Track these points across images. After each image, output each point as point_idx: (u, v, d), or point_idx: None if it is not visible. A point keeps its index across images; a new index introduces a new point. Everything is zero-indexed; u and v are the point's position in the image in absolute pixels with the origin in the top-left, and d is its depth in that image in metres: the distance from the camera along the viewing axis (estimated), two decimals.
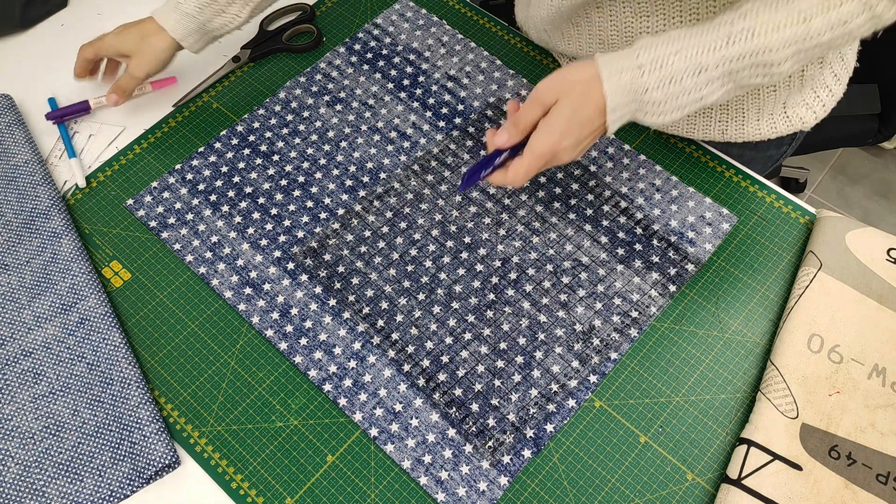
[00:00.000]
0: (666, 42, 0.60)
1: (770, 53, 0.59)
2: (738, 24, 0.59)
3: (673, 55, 0.60)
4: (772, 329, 0.72)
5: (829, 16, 0.58)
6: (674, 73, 0.60)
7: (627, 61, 0.61)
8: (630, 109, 0.62)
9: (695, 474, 0.65)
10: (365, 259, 0.76)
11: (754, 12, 0.59)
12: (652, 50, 0.60)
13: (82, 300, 0.72)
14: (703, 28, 0.60)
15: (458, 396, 0.68)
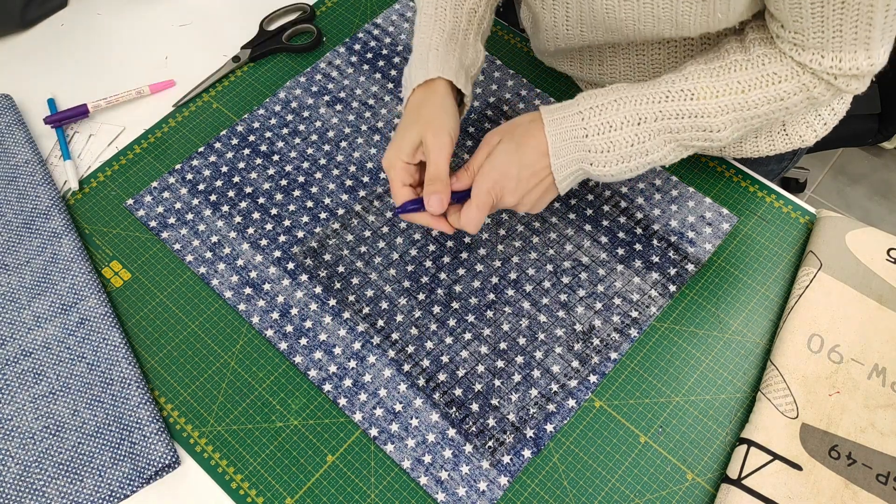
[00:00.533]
0: (607, 92, 0.63)
1: (708, 118, 0.61)
2: (678, 83, 0.61)
3: (612, 103, 0.62)
4: (772, 329, 0.72)
5: (767, 90, 0.60)
6: (612, 120, 0.61)
7: (569, 109, 0.63)
8: (574, 158, 0.62)
9: (695, 474, 0.65)
10: (365, 259, 0.76)
11: (695, 76, 0.61)
12: (592, 99, 0.62)
13: (82, 300, 0.72)
14: (646, 84, 0.63)
15: (458, 396, 0.68)
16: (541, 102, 0.85)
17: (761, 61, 0.61)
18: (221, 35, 0.93)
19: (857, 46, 0.56)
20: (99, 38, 0.94)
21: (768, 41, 0.61)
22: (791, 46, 0.59)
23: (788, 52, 0.59)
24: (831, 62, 0.57)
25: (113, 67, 0.91)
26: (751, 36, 0.62)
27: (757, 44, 0.61)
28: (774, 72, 0.60)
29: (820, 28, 0.56)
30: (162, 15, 0.95)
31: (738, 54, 0.62)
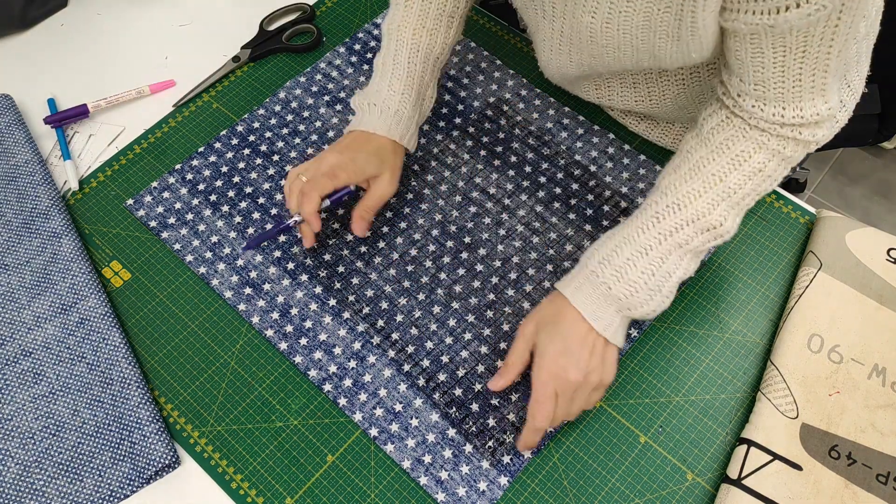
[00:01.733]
0: (605, 242, 0.65)
1: (705, 218, 0.62)
2: (661, 202, 0.64)
3: (615, 249, 0.63)
4: (772, 329, 0.72)
5: (741, 169, 0.62)
6: (622, 263, 0.63)
7: (581, 273, 0.64)
8: (612, 311, 0.63)
9: (695, 474, 0.65)
10: (365, 259, 0.76)
11: (673, 188, 0.63)
12: (596, 254, 0.64)
13: (82, 300, 0.72)
14: (633, 217, 0.65)
15: (458, 396, 0.68)
16: (540, 102, 0.85)
17: (726, 146, 0.63)
18: (221, 35, 0.93)
19: (814, 94, 0.58)
20: (99, 38, 0.94)
21: (724, 124, 0.63)
22: (753, 102, 0.61)
23: (751, 108, 0.61)
24: (793, 112, 0.59)
25: (113, 67, 0.91)
26: (707, 127, 0.64)
27: (715, 132, 0.63)
28: (742, 150, 0.62)
29: (781, 79, 0.57)
30: (162, 15, 0.95)
31: (701, 150, 0.64)
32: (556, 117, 0.84)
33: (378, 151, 0.73)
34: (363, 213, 0.73)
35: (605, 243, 0.64)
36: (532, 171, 0.81)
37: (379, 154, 0.73)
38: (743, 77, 0.60)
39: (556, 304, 0.64)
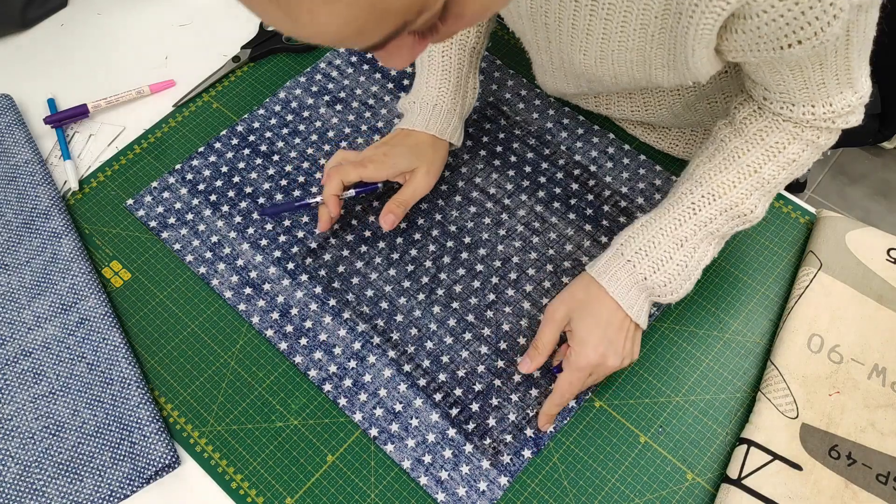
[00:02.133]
0: (642, 231, 0.65)
1: (738, 207, 0.63)
2: (696, 191, 0.64)
3: (652, 240, 0.64)
4: (772, 329, 0.72)
5: (776, 160, 0.63)
6: (660, 255, 0.63)
7: (616, 262, 0.64)
8: (644, 297, 0.64)
9: (695, 474, 0.65)
10: (365, 259, 0.76)
11: (708, 177, 0.63)
12: (633, 243, 0.64)
13: (82, 300, 0.72)
14: (668, 206, 0.65)
15: (459, 396, 0.68)
16: (540, 102, 0.85)
17: (760, 137, 0.63)
18: (221, 35, 0.93)
19: (841, 88, 0.58)
20: (99, 38, 0.94)
21: (757, 114, 0.63)
22: (781, 105, 0.61)
23: (780, 110, 0.61)
24: (823, 108, 0.59)
25: (113, 67, 0.91)
26: (739, 116, 0.64)
27: (748, 122, 0.63)
28: (776, 141, 0.62)
29: (804, 86, 0.57)
30: (162, 15, 0.95)
31: (735, 140, 0.64)
32: (556, 117, 0.84)
33: (416, 147, 0.73)
34: (394, 206, 0.73)
35: (642, 232, 0.64)
36: (532, 171, 0.81)
37: (416, 150, 0.73)
38: (766, 87, 0.60)
39: (591, 292, 0.64)
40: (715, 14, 0.48)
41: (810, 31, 0.48)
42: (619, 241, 0.65)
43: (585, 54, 0.62)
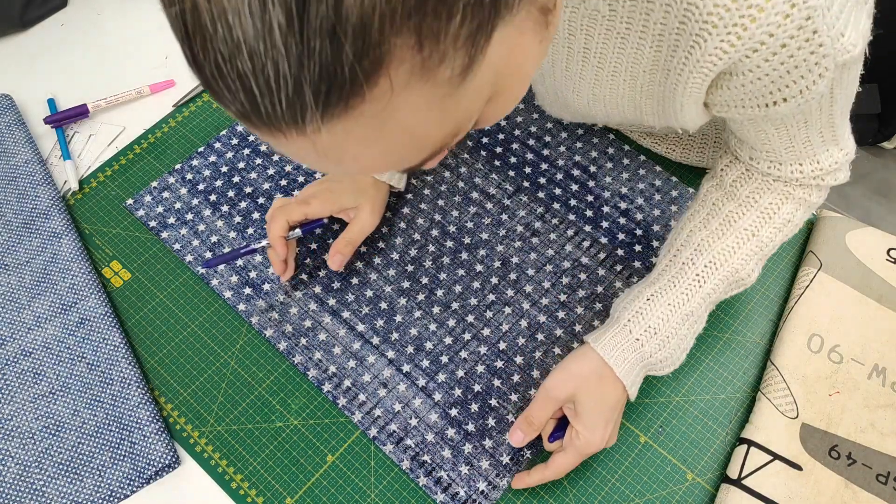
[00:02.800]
0: (649, 307, 0.62)
1: (738, 273, 0.62)
2: (699, 261, 0.62)
3: (661, 318, 0.61)
4: (772, 329, 0.71)
5: (771, 222, 0.62)
6: (668, 332, 0.61)
7: (623, 339, 0.61)
8: (641, 374, 0.63)
9: (695, 474, 0.65)
10: (364, 259, 0.76)
11: (707, 244, 0.62)
12: (641, 321, 0.62)
13: (82, 300, 0.72)
14: (673, 277, 0.62)
15: (458, 397, 0.68)
16: None
17: (753, 199, 0.62)
18: None
19: (827, 146, 0.58)
20: (99, 38, 0.94)
21: (746, 176, 0.63)
22: (769, 164, 0.60)
23: (768, 170, 0.61)
24: (811, 166, 0.59)
25: (113, 67, 0.91)
26: (728, 178, 0.63)
27: (739, 185, 0.63)
28: (770, 203, 0.62)
29: (790, 144, 0.57)
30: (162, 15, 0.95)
31: (728, 204, 0.63)
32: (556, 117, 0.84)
33: (358, 184, 0.72)
34: (342, 246, 0.72)
35: (650, 308, 0.62)
36: (532, 172, 0.81)
37: (359, 187, 0.72)
38: (752, 146, 0.60)
39: (599, 372, 0.61)
40: (704, 73, 0.48)
41: (796, 90, 0.48)
42: (626, 315, 0.62)
43: (578, 95, 0.61)
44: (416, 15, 0.28)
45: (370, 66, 0.29)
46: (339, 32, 0.27)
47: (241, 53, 0.28)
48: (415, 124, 0.33)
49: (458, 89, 0.33)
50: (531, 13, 0.35)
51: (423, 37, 0.29)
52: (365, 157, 0.34)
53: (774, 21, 0.43)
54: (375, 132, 0.32)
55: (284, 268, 0.71)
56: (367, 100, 0.30)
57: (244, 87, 0.29)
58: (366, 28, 0.28)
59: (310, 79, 0.28)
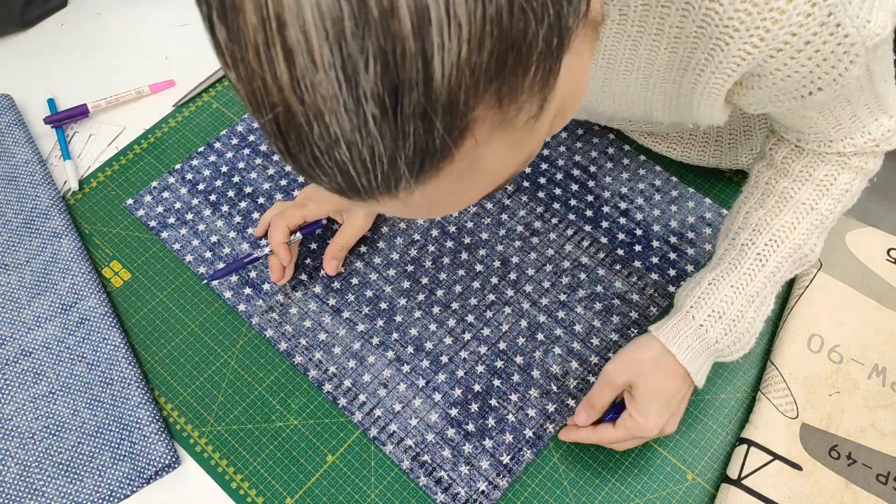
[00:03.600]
0: (711, 291, 0.61)
1: (801, 249, 0.61)
2: (759, 240, 0.61)
3: (725, 301, 0.60)
4: (772, 329, 0.71)
5: (830, 193, 0.60)
6: (734, 315, 0.60)
7: (687, 326, 0.60)
8: (708, 361, 0.62)
9: (695, 474, 0.65)
10: (364, 259, 0.76)
11: (765, 222, 0.61)
12: (704, 305, 0.60)
13: (82, 300, 0.72)
14: (734, 259, 0.61)
15: (458, 397, 0.68)
16: None
17: (807, 173, 0.60)
18: None
19: (875, 116, 0.56)
20: (99, 38, 0.94)
21: (796, 152, 0.61)
22: (818, 144, 0.59)
23: (818, 148, 0.59)
24: (862, 138, 0.57)
25: (113, 67, 0.91)
26: (779, 157, 0.62)
27: (790, 161, 0.61)
28: (825, 175, 0.60)
29: (836, 124, 0.56)
30: (162, 15, 0.95)
31: (783, 180, 0.61)
32: None
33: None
34: (336, 251, 0.72)
35: (712, 292, 0.60)
36: (532, 172, 0.80)
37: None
38: (799, 129, 0.58)
39: (660, 360, 0.61)
40: (725, 75, 0.47)
41: (829, 79, 0.47)
42: (688, 302, 0.61)
43: (587, 92, 0.61)
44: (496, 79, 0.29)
45: (458, 134, 0.30)
46: (430, 113, 0.28)
47: (340, 146, 0.29)
48: (496, 167, 0.34)
49: (533, 128, 0.34)
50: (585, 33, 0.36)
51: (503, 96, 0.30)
52: (451, 204, 0.36)
53: (797, 21, 0.43)
54: (463, 183, 0.33)
55: (283, 274, 0.72)
56: (455, 160, 0.31)
57: (342, 171, 0.30)
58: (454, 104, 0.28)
59: (404, 156, 0.29)
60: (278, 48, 0.27)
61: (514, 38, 0.29)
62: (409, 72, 0.27)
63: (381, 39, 0.26)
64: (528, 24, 0.29)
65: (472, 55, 0.28)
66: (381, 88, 0.27)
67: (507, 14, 0.28)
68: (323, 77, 0.27)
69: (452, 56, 0.27)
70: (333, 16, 0.26)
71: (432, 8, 0.26)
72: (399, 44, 0.27)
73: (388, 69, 0.27)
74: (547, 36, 0.30)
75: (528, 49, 0.29)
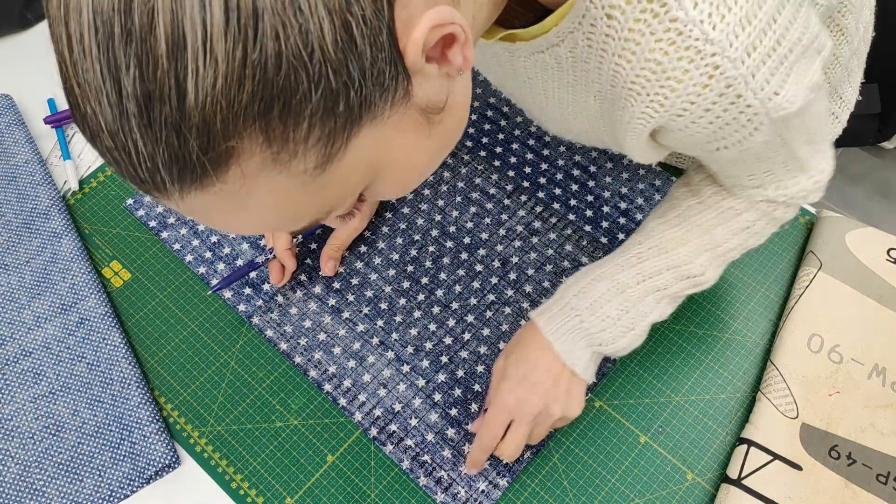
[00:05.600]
0: (585, 274, 0.63)
1: (686, 266, 0.61)
2: (645, 243, 0.62)
3: (594, 282, 0.61)
4: (772, 329, 0.72)
5: (729, 225, 0.60)
6: (597, 297, 0.61)
7: (557, 304, 0.62)
8: (583, 344, 0.61)
9: (695, 474, 0.65)
10: (364, 259, 0.76)
11: (658, 231, 0.62)
12: (574, 284, 0.62)
13: (82, 300, 0.72)
14: (616, 253, 0.63)
15: (458, 397, 0.68)
16: None
17: (715, 200, 0.61)
18: None
19: (793, 174, 0.56)
20: None
21: (713, 179, 0.61)
22: (731, 185, 0.59)
23: (732, 187, 0.60)
24: (775, 191, 0.58)
25: None
26: (697, 178, 0.63)
27: (704, 185, 0.62)
28: (731, 206, 0.60)
29: (750, 174, 0.56)
30: None
31: (690, 199, 0.62)
32: None
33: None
34: (332, 251, 0.73)
35: (584, 276, 0.62)
36: (532, 172, 0.81)
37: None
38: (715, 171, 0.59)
39: (528, 332, 0.63)
40: (637, 130, 0.48)
41: (733, 140, 0.47)
42: (564, 284, 0.64)
43: (548, 123, 0.62)
44: (260, 119, 0.31)
45: (217, 158, 0.32)
46: (184, 129, 0.31)
47: (104, 133, 0.32)
48: (279, 202, 0.36)
49: (318, 179, 0.35)
50: (409, 115, 0.37)
51: (271, 138, 0.32)
52: (233, 223, 0.37)
53: (694, 91, 0.43)
54: (237, 206, 0.35)
55: (282, 276, 0.73)
56: (219, 183, 0.33)
57: (113, 158, 0.33)
58: (209, 128, 0.31)
59: (161, 161, 0.32)
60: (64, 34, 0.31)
61: (280, 89, 0.31)
62: (162, 86, 0.30)
63: (139, 50, 0.30)
64: (298, 82, 0.31)
65: (229, 90, 0.30)
66: (138, 91, 0.30)
67: (273, 66, 0.30)
68: (90, 67, 0.31)
69: (207, 84, 0.30)
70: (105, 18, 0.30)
71: (189, 37, 0.29)
72: (153, 59, 0.30)
73: (144, 78, 0.30)
74: (326, 100, 0.32)
75: (298, 104, 0.32)
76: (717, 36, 0.41)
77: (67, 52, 0.31)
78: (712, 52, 0.41)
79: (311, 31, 0.31)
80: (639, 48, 0.43)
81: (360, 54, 0.32)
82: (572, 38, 0.46)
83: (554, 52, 0.49)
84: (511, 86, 0.60)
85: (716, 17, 0.41)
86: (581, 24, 0.45)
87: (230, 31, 0.29)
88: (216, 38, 0.29)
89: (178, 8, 0.29)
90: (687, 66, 0.42)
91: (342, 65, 0.32)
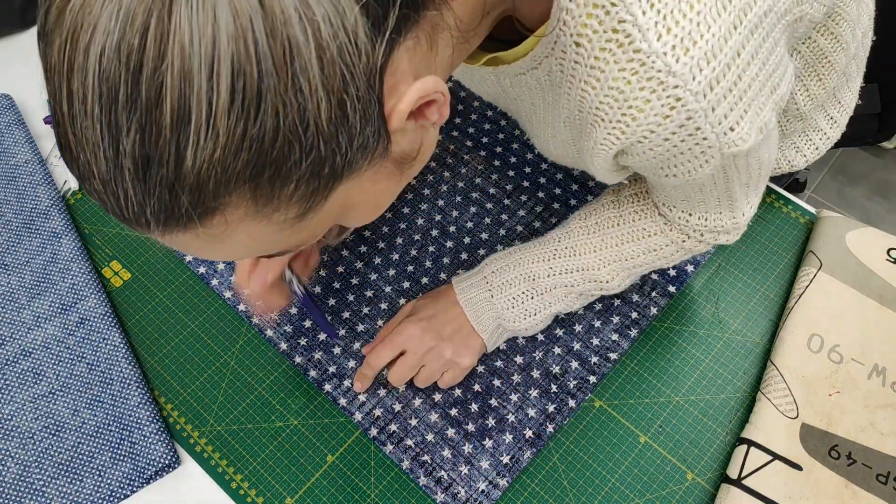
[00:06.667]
0: (508, 255, 0.67)
1: (594, 271, 0.65)
2: (563, 241, 0.66)
3: (511, 265, 0.66)
4: (772, 329, 0.72)
5: (639, 244, 0.64)
6: (510, 279, 0.66)
7: (475, 275, 0.68)
8: (489, 317, 0.67)
9: (695, 474, 0.65)
10: (364, 259, 0.76)
11: (576, 234, 0.66)
12: (495, 262, 0.67)
13: (82, 300, 0.72)
14: (538, 242, 0.67)
15: (458, 397, 0.68)
16: None
17: (632, 218, 0.63)
18: None
19: (721, 209, 0.58)
20: None
21: (640, 195, 0.64)
22: (661, 203, 0.61)
23: (659, 205, 0.62)
24: (698, 220, 0.60)
25: None
26: (626, 192, 0.65)
27: (630, 200, 0.64)
28: (644, 227, 0.63)
29: (684, 198, 0.58)
30: None
31: (611, 210, 0.65)
32: None
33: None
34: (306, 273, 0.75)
35: (505, 257, 0.67)
36: (532, 172, 0.81)
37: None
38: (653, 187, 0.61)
39: (445, 291, 0.68)
40: (602, 154, 0.49)
41: (683, 170, 0.49)
42: (487, 259, 0.68)
43: (535, 140, 0.64)
44: (251, 181, 0.33)
45: (204, 212, 0.34)
46: (178, 188, 0.33)
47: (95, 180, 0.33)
48: (255, 242, 0.38)
49: (296, 225, 0.38)
50: (384, 167, 0.40)
51: (258, 196, 0.34)
52: (208, 255, 0.39)
53: (654, 121, 0.44)
54: (216, 245, 0.37)
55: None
56: (202, 227, 0.35)
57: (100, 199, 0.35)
58: (202, 189, 0.33)
59: (150, 210, 0.34)
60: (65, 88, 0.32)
61: (274, 158, 0.33)
62: (162, 152, 0.31)
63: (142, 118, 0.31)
64: (291, 152, 0.33)
65: (226, 159, 0.32)
66: (136, 153, 0.32)
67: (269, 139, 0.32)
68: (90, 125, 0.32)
69: (205, 154, 0.32)
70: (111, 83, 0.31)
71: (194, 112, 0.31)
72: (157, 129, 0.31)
73: (145, 143, 0.31)
74: (314, 165, 0.34)
75: (288, 170, 0.34)
76: (680, 69, 0.41)
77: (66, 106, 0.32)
78: (675, 85, 0.42)
79: (309, 110, 0.33)
80: (602, 76, 0.44)
81: (350, 127, 0.35)
82: (547, 63, 0.48)
83: (534, 75, 0.50)
84: (502, 103, 0.62)
85: (680, 49, 0.41)
86: (554, 49, 0.46)
87: (234, 110, 0.31)
88: (220, 115, 0.31)
89: (185, 86, 0.30)
90: (648, 97, 0.43)
91: (333, 136, 0.34)
